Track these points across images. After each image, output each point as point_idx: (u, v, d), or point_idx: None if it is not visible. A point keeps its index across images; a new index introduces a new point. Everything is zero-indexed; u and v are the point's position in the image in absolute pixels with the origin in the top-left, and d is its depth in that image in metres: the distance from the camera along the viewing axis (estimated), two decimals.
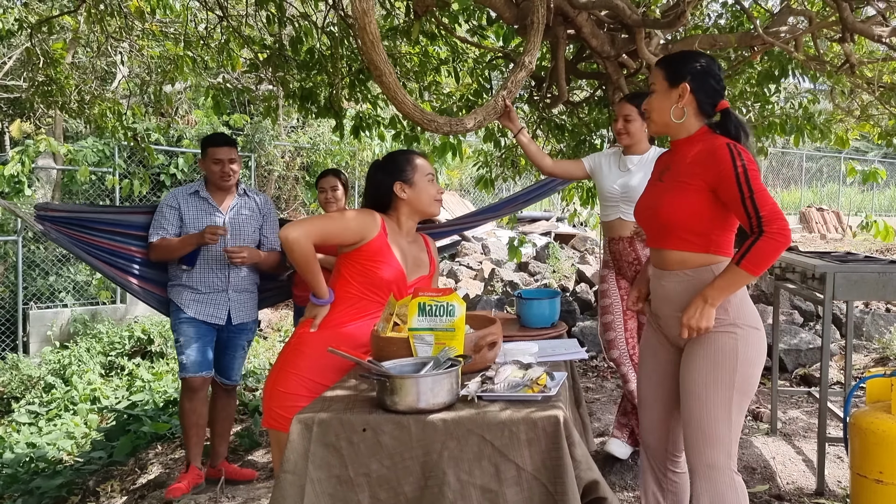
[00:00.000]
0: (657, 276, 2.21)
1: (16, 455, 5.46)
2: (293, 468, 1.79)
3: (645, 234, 2.30)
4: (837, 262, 3.45)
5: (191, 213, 3.60)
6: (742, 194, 1.95)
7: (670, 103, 2.13)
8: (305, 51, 4.87)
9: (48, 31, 6.15)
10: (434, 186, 2.53)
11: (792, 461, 3.74)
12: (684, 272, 2.11)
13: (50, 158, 9.52)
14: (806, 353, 5.55)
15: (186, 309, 3.57)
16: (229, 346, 3.75)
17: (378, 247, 2.39)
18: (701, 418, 2.06)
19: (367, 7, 2.47)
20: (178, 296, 3.61)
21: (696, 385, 2.07)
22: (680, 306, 2.11)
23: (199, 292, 3.58)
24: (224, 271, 3.62)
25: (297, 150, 11.64)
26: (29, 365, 7.69)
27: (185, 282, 3.59)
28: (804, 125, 4.78)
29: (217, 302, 3.62)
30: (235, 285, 3.65)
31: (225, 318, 3.64)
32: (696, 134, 2.14)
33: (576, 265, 9.71)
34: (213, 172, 3.60)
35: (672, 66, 2.15)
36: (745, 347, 2.06)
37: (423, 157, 2.58)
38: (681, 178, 2.09)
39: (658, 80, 2.16)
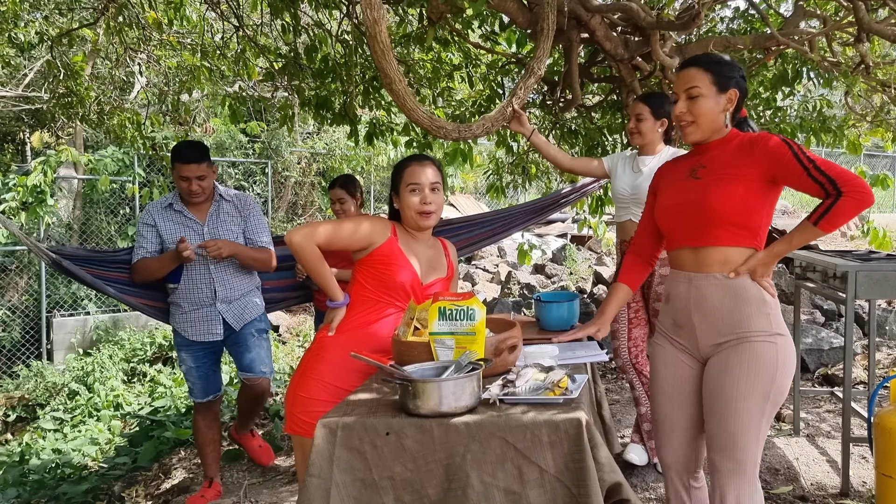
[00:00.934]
0: (688, 281, 2.11)
1: (42, 461, 5.55)
2: (318, 472, 1.82)
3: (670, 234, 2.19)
4: (859, 260, 3.43)
5: (168, 229, 3.42)
6: (806, 168, 1.92)
7: (718, 108, 2.07)
8: (320, 59, 4.91)
9: (68, 43, 6.25)
10: (416, 197, 2.41)
11: (816, 462, 3.71)
12: (725, 275, 2.03)
13: (71, 168, 9.65)
14: (828, 352, 5.50)
15: (182, 332, 3.49)
16: (237, 343, 3.60)
17: (389, 251, 2.41)
18: (733, 430, 2.00)
19: (378, 16, 2.51)
20: (173, 317, 3.52)
21: (729, 396, 2.00)
22: (723, 308, 2.03)
23: (187, 310, 3.46)
24: (209, 285, 3.46)
25: (313, 156, 11.72)
26: (53, 372, 7.80)
27: (175, 300, 3.48)
28: (818, 128, 4.77)
29: (208, 318, 3.48)
30: (224, 297, 3.49)
31: (221, 332, 3.51)
32: (729, 135, 2.11)
33: (593, 267, 9.70)
34: (181, 188, 3.42)
35: (720, 69, 2.08)
36: (784, 358, 2.01)
37: (419, 162, 2.45)
38: (724, 170, 2.04)
39: (704, 85, 2.07)
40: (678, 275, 2.16)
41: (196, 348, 3.50)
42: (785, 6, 4.83)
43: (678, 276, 2.15)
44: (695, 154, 2.18)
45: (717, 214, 2.02)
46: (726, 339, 2.03)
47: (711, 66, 2.08)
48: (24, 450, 5.88)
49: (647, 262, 2.37)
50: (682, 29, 3.49)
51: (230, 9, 5.16)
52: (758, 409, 2.00)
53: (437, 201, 2.44)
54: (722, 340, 2.04)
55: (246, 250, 3.47)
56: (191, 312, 3.45)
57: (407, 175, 2.43)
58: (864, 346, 5.75)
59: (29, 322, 8.73)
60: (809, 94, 5.27)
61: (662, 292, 3.27)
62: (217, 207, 3.51)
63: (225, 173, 10.84)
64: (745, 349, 2.00)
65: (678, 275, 2.16)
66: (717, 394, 2.03)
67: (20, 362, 8.31)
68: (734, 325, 2.02)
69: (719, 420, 2.03)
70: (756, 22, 4.48)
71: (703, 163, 2.11)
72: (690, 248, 2.10)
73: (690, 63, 2.12)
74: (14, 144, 11.34)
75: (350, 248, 2.44)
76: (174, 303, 3.47)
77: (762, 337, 2.00)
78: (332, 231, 2.38)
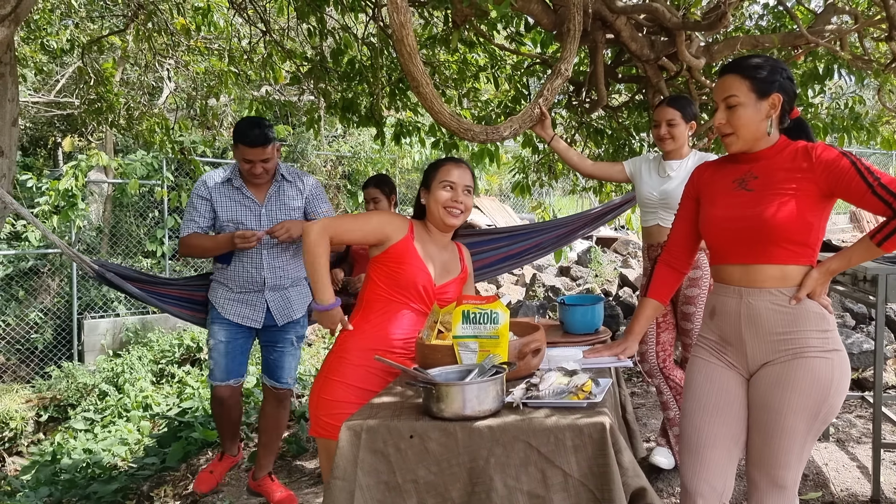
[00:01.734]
0: (738, 296, 2.00)
1: (73, 461, 5.65)
2: (343, 474, 1.83)
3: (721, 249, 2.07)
4: (890, 263, 3.37)
5: (224, 205, 3.27)
6: (870, 185, 1.84)
7: (761, 116, 1.96)
8: (346, 62, 4.95)
9: (99, 50, 6.37)
10: (446, 193, 2.42)
11: (846, 467, 3.65)
12: (781, 290, 1.94)
13: (101, 172, 9.82)
14: (859, 356, 5.41)
15: (221, 309, 3.34)
16: (275, 344, 3.47)
17: (403, 249, 2.40)
18: (777, 446, 1.94)
19: (405, 20, 2.52)
20: (214, 293, 3.39)
21: (778, 410, 1.93)
22: (778, 326, 1.94)
23: (233, 291, 3.33)
24: (260, 271, 3.31)
25: (339, 158, 11.79)
26: (84, 373, 7.93)
27: (221, 279, 3.36)
28: (850, 126, 4.69)
29: (253, 303, 3.35)
30: (273, 285, 3.35)
31: (262, 321, 3.37)
32: (779, 142, 2.01)
33: (618, 269, 9.63)
34: (244, 169, 3.26)
35: (760, 74, 1.96)
36: (840, 376, 1.92)
37: (455, 164, 2.48)
38: (780, 184, 1.94)
39: (742, 93, 1.96)
40: (726, 289, 2.04)
41: (232, 325, 3.36)
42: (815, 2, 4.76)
43: (727, 291, 2.04)
44: (742, 161, 2.06)
45: (775, 232, 1.91)
46: (779, 356, 1.95)
47: (749, 71, 1.96)
48: (55, 449, 5.99)
49: (679, 272, 2.26)
50: (709, 29, 3.46)
51: (257, 14, 5.22)
52: (805, 426, 1.92)
53: (468, 203, 2.45)
54: (774, 357, 1.96)
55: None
56: (236, 295, 3.33)
57: (442, 172, 2.45)
58: (894, 350, 5.64)
59: (61, 324, 8.90)
60: (841, 91, 5.19)
61: (692, 295, 3.25)
62: (278, 188, 3.34)
63: None
64: (799, 364, 1.91)
65: (726, 289, 2.04)
66: (766, 408, 1.96)
67: (52, 363, 8.46)
68: (789, 342, 1.93)
69: (764, 435, 1.97)
70: (785, 19, 4.42)
71: (754, 172, 2.01)
72: (745, 264, 2.00)
73: (728, 69, 2.01)
74: (46, 149, 11.58)
75: (365, 241, 2.44)
76: (218, 281, 3.36)
77: (818, 353, 1.91)
78: (344, 223, 2.41)
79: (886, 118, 5.26)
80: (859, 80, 4.42)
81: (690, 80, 4.02)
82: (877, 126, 4.80)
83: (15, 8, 2.59)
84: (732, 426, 2.05)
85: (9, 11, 2.58)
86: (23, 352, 8.70)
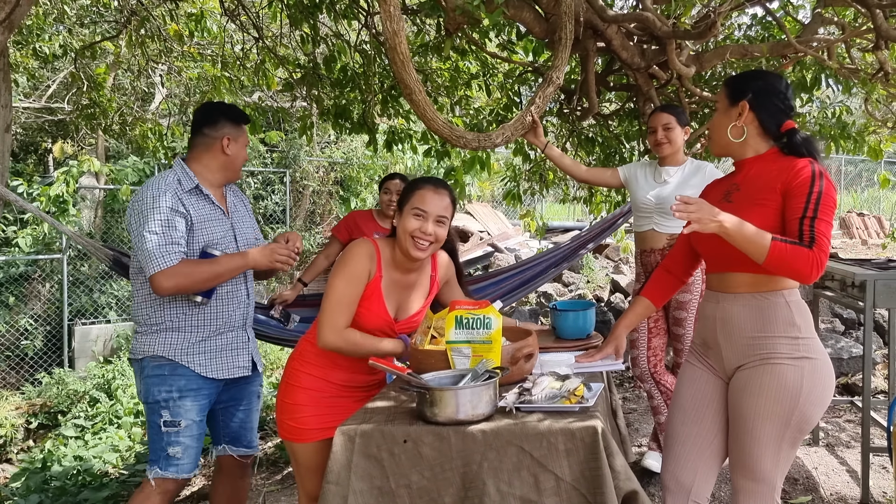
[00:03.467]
0: (715, 301, 2.07)
1: (64, 468, 5.61)
2: (336, 479, 1.84)
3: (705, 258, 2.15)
4: (878, 269, 3.41)
5: (203, 222, 2.53)
6: (805, 213, 1.86)
7: (728, 121, 2.07)
8: (339, 69, 4.96)
9: (91, 55, 6.36)
10: (416, 223, 2.21)
11: (835, 472, 3.68)
12: (753, 295, 1.99)
13: (93, 178, 9.79)
14: (848, 361, 5.45)
15: (193, 366, 2.51)
16: (240, 401, 2.75)
17: (369, 292, 2.27)
18: (750, 450, 1.97)
19: (398, 28, 2.54)
20: (175, 348, 2.50)
21: (746, 416, 1.97)
22: (747, 330, 1.99)
23: (210, 336, 2.56)
24: (244, 300, 2.67)
25: (331, 165, 11.80)
26: (75, 380, 7.88)
27: (189, 322, 2.52)
28: (838, 135, 4.74)
29: (238, 345, 2.65)
30: (250, 317, 2.74)
31: (250, 367, 2.69)
32: (766, 154, 2.05)
33: (610, 275, 9.67)
34: (244, 159, 2.67)
35: (735, 83, 2.08)
36: (811, 384, 1.93)
37: (434, 189, 2.26)
38: (757, 197, 1.98)
39: (721, 99, 2.11)
40: (709, 295, 2.13)
41: (204, 394, 2.56)
42: (803, 13, 4.81)
43: (708, 296, 2.13)
44: (734, 173, 2.14)
45: None
46: (749, 360, 1.99)
47: (729, 80, 2.12)
48: (46, 456, 5.95)
49: (677, 278, 2.32)
50: (699, 38, 3.50)
51: (250, 20, 5.23)
52: (776, 432, 1.94)
53: (439, 235, 2.25)
54: (746, 361, 2.00)
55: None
56: (214, 338, 2.57)
57: (416, 198, 2.24)
58: (884, 356, 5.69)
59: (51, 330, 8.85)
60: (828, 101, 5.25)
61: (683, 301, 3.28)
62: (232, 195, 2.75)
63: (244, 182, 10.94)
64: (767, 370, 1.95)
65: (709, 295, 2.13)
66: (737, 412, 2.00)
67: (43, 370, 8.42)
68: (758, 347, 1.97)
69: (737, 439, 2.01)
70: (774, 29, 4.48)
71: (738, 185, 2.07)
72: (722, 273, 2.07)
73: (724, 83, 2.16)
74: (37, 155, 11.53)
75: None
76: (185, 326, 2.52)
77: (786, 360, 1.94)
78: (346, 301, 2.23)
79: (873, 128, 5.32)
80: (846, 89, 4.48)
81: (681, 89, 4.06)
82: (863, 136, 4.86)
83: (10, 14, 2.59)
84: (706, 427, 2.11)
85: (3, 17, 2.59)
86: (13, 358, 8.64)
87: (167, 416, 2.47)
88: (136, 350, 2.54)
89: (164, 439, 2.47)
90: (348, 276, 2.23)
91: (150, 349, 2.49)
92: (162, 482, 2.47)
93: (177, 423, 2.48)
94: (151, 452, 2.50)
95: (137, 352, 2.53)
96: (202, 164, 2.59)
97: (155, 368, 2.49)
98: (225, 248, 2.55)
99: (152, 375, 2.49)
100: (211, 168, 2.60)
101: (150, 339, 2.50)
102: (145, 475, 2.50)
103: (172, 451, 2.48)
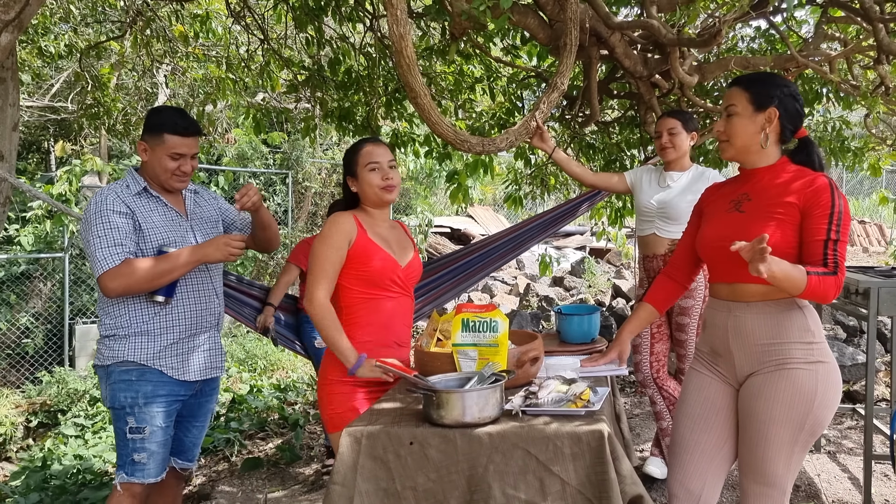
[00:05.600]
0: (727, 310, 2.05)
1: (63, 467, 5.60)
2: (342, 480, 1.84)
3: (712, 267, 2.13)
4: (882, 276, 3.41)
5: (152, 223, 2.50)
6: (828, 236, 1.87)
7: (756, 128, 2.01)
8: (343, 71, 4.98)
9: (96, 55, 6.38)
10: (377, 174, 2.38)
11: (837, 479, 3.69)
12: (766, 303, 1.97)
13: (95, 177, 9.80)
14: (850, 369, 5.45)
15: (167, 368, 2.50)
16: (200, 416, 2.75)
17: (363, 247, 2.36)
18: (762, 455, 1.97)
19: (404, 32, 2.54)
20: (146, 350, 2.48)
21: (761, 420, 1.96)
22: (762, 337, 1.97)
23: (176, 340, 2.53)
24: (213, 299, 2.65)
25: (334, 166, 11.81)
26: (75, 379, 7.88)
27: (160, 325, 2.50)
28: (837, 149, 4.77)
29: (209, 346, 2.66)
30: (219, 319, 2.71)
31: (224, 367, 2.73)
32: (777, 164, 2.04)
33: (612, 280, 9.68)
34: (168, 169, 2.52)
35: (759, 87, 2.02)
36: (825, 388, 1.93)
37: (373, 143, 2.43)
38: (769, 209, 1.97)
39: (741, 103, 2.03)
40: (717, 303, 2.11)
41: (173, 398, 2.55)
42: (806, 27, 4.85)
43: (717, 305, 2.10)
44: (741, 180, 2.12)
45: None
46: (764, 366, 1.98)
47: (750, 84, 2.04)
48: (45, 455, 5.95)
49: (679, 284, 2.31)
50: (703, 46, 3.51)
51: (255, 22, 5.25)
52: (790, 436, 1.94)
53: (397, 178, 2.43)
54: (759, 368, 1.99)
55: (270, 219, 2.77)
56: (186, 341, 2.57)
57: (364, 155, 2.40)
58: (886, 363, 5.69)
59: (52, 329, 8.85)
60: (829, 115, 5.28)
61: (686, 307, 3.28)
62: (193, 198, 2.72)
63: (246, 183, 10.95)
64: (782, 375, 1.95)
65: (717, 303, 2.11)
66: (751, 418, 1.99)
67: (43, 368, 8.42)
68: (774, 353, 1.96)
69: (750, 444, 2.00)
70: (777, 42, 4.50)
71: (749, 194, 2.05)
72: (731, 283, 2.05)
73: (733, 82, 2.10)
74: (39, 153, 11.54)
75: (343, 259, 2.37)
76: (154, 330, 2.50)
77: (801, 364, 1.94)
78: (324, 261, 2.32)
79: (872, 144, 5.34)
80: (846, 106, 4.51)
81: (682, 98, 4.08)
82: (863, 151, 4.89)
83: (19, 13, 2.60)
84: (715, 435, 2.10)
85: (12, 17, 2.60)
86: (13, 357, 8.64)
87: (132, 422, 2.47)
88: (102, 356, 2.52)
89: (130, 445, 2.48)
90: (328, 242, 2.33)
91: (117, 355, 2.48)
92: (129, 486, 2.48)
93: (142, 429, 2.47)
94: (118, 458, 2.52)
95: (104, 358, 2.51)
96: (142, 169, 2.60)
97: (122, 374, 2.47)
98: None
99: (119, 381, 2.48)
100: (146, 173, 2.59)
101: (117, 344, 2.48)
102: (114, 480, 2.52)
103: (138, 458, 2.48)
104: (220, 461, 4.83)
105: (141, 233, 2.46)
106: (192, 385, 2.61)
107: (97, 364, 2.55)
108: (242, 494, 4.05)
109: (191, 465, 2.78)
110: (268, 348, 7.90)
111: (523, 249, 4.58)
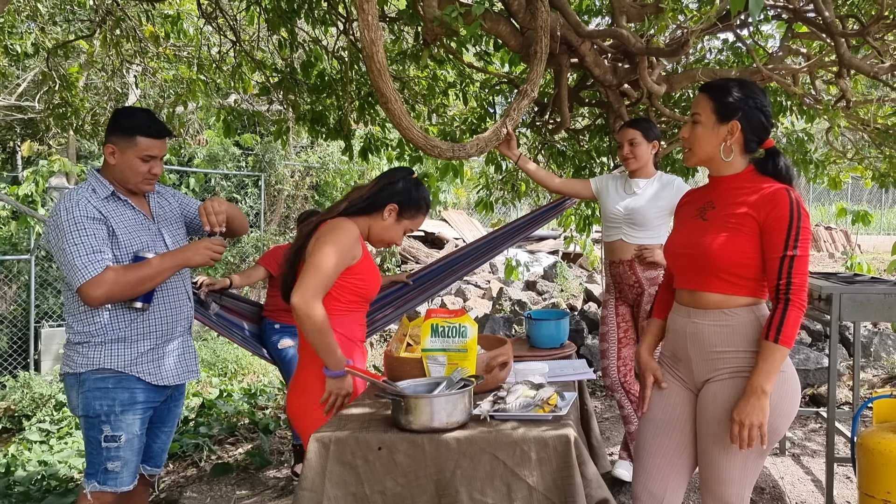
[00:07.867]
0: (686, 315, 2.07)
1: (28, 473, 5.50)
2: (310, 485, 1.84)
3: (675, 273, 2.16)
4: (843, 283, 3.49)
5: (125, 228, 2.45)
6: (785, 252, 1.87)
7: (718, 140, 2.01)
8: (316, 74, 4.96)
9: (64, 54, 6.28)
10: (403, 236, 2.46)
11: (801, 481, 3.76)
12: (723, 311, 1.99)
13: (63, 178, 9.63)
14: (814, 372, 5.56)
15: (145, 375, 2.47)
16: (168, 422, 2.71)
17: (366, 265, 2.35)
18: (717, 463, 1.99)
19: (376, 37, 2.55)
20: (123, 357, 2.44)
21: (715, 428, 1.98)
22: (717, 345, 1.99)
23: (154, 346, 2.51)
24: (185, 302, 2.63)
25: (307, 169, 11.75)
26: (40, 383, 7.74)
27: (136, 331, 2.47)
28: (800, 160, 4.88)
29: (184, 349, 2.64)
30: (191, 322, 2.72)
31: (198, 370, 2.71)
32: (743, 173, 2.03)
33: (584, 284, 9.75)
34: (138, 172, 2.47)
35: (724, 98, 1.99)
36: (779, 397, 1.92)
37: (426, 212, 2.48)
38: (731, 219, 1.97)
39: (705, 112, 2.02)
40: (679, 309, 2.13)
41: (149, 404, 2.52)
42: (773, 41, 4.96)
43: (678, 311, 2.13)
44: (710, 187, 2.12)
45: (714, 263, 1.97)
46: (718, 373, 2.00)
47: (716, 93, 2.02)
48: (9, 461, 5.83)
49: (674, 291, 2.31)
50: (671, 55, 3.57)
51: (227, 23, 5.21)
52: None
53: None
54: (714, 375, 2.01)
55: (235, 209, 2.68)
56: (163, 346, 2.54)
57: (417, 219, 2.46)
58: (849, 367, 5.81)
59: (17, 332, 8.69)
60: (792, 127, 5.40)
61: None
62: (157, 201, 2.67)
63: (217, 185, 10.86)
64: (737, 383, 1.96)
65: (679, 309, 2.13)
66: (706, 425, 2.02)
67: (7, 373, 8.26)
68: (727, 361, 1.99)
69: (705, 452, 2.03)
70: (744, 55, 4.59)
71: (714, 202, 2.06)
72: (690, 289, 2.07)
73: (703, 88, 2.08)
74: (5, 153, 11.32)
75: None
76: (130, 337, 2.46)
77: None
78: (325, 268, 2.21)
79: (833, 158, 5.47)
80: (809, 119, 4.61)
81: (650, 107, 4.14)
82: (824, 164, 5.01)
83: None
84: (676, 439, 2.12)
85: None
86: None
87: (108, 430, 2.41)
88: (74, 363, 2.43)
89: (104, 454, 2.42)
90: (340, 250, 2.24)
91: (92, 362, 2.41)
92: (100, 496, 2.43)
93: (117, 437, 2.42)
94: (89, 466, 2.45)
95: (76, 365, 2.42)
96: (107, 172, 2.51)
97: (97, 381, 2.41)
98: (157, 252, 2.47)
99: (94, 389, 2.41)
100: (112, 176, 2.50)
101: (92, 351, 2.41)
102: (81, 488, 2.46)
103: (112, 466, 2.42)
104: (189, 466, 4.78)
105: (115, 238, 2.40)
106: (165, 390, 2.57)
107: (67, 371, 2.46)
108: (211, 500, 4.01)
109: (158, 470, 2.74)
110: (238, 352, 7.83)
111: (493, 255, 4.60)
